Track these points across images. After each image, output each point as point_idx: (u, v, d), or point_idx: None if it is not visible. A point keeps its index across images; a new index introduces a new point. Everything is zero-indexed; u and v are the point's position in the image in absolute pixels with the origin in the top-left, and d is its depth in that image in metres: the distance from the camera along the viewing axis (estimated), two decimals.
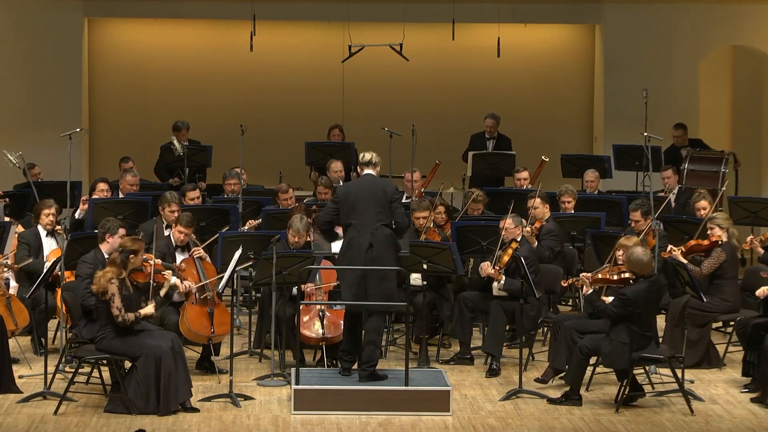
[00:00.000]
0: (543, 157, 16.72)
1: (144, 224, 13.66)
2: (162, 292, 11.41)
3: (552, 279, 12.78)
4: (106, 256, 11.57)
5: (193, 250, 12.42)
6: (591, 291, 11.47)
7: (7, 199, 14.52)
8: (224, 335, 11.83)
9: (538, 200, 13.70)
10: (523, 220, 12.96)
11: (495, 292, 12.58)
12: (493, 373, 12.27)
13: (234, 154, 15.88)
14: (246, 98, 20.04)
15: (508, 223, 12.60)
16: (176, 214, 13.38)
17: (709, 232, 12.71)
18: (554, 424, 10.76)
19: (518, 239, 12.53)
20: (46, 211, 13.30)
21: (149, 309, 11.06)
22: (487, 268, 12.47)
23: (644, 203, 13.36)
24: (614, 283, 11.43)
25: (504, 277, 12.39)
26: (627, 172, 17.30)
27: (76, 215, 14.32)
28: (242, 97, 20.05)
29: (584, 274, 11.72)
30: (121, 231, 12.08)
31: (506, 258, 12.34)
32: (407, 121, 15.15)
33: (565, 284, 12.37)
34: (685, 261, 12.50)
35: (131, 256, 10.99)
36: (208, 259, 12.50)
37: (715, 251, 12.57)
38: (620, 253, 11.90)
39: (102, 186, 14.98)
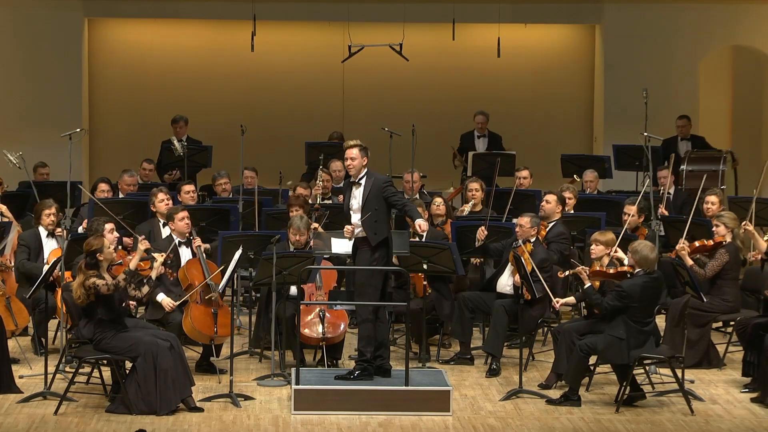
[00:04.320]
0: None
1: (141, 225, 13.66)
2: (154, 274, 11.32)
3: (551, 279, 12.74)
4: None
5: (194, 240, 12.49)
6: (588, 285, 11.46)
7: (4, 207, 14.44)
8: (225, 337, 11.83)
9: (552, 196, 13.58)
10: (542, 222, 12.87)
11: (499, 288, 12.55)
12: (493, 373, 12.26)
13: (234, 154, 15.87)
14: (246, 98, 20.04)
15: (525, 221, 12.56)
16: (166, 203, 13.52)
17: (714, 229, 12.69)
18: (554, 424, 10.76)
19: (531, 240, 12.50)
20: (47, 212, 13.27)
21: (141, 248, 11.18)
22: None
23: (642, 200, 13.35)
24: (612, 277, 11.41)
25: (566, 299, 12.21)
26: (627, 172, 17.30)
27: (79, 230, 14.23)
28: (242, 97, 20.05)
29: (581, 267, 11.68)
30: (108, 226, 12.09)
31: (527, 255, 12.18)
32: (407, 121, 15.15)
33: (561, 275, 12.27)
34: (690, 262, 12.47)
35: (98, 255, 10.81)
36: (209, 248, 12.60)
37: (719, 252, 12.53)
38: (593, 247, 11.94)
39: (103, 186, 14.98)
